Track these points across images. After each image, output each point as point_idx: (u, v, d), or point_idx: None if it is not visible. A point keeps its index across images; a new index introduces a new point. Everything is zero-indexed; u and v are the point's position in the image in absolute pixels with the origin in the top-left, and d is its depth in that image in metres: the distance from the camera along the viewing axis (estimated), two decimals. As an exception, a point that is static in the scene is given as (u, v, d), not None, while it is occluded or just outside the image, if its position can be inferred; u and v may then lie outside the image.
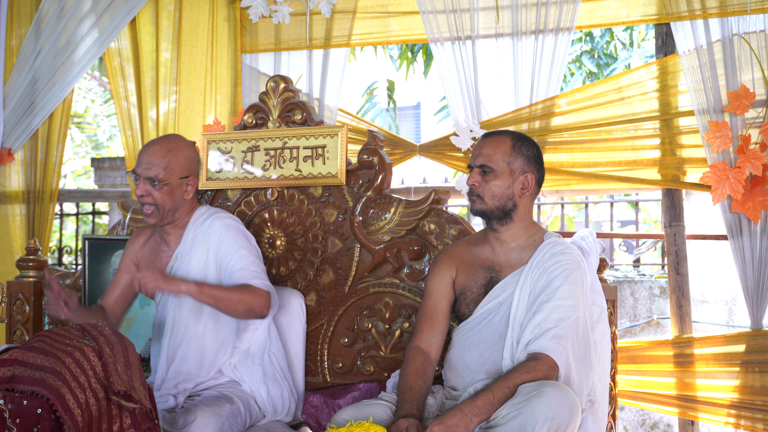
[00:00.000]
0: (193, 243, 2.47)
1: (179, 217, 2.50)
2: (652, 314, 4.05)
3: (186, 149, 2.50)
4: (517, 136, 2.27)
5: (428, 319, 2.31)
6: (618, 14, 3.14)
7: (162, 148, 2.45)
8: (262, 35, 3.57)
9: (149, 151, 2.44)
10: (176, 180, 2.44)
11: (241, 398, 2.40)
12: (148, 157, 2.43)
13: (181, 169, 2.45)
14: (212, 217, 2.50)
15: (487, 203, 2.23)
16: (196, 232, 2.48)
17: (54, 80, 3.65)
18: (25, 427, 1.79)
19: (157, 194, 2.41)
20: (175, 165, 2.44)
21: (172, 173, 2.43)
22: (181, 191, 2.47)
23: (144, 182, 2.41)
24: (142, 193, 2.41)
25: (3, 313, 2.97)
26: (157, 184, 2.40)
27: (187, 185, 2.48)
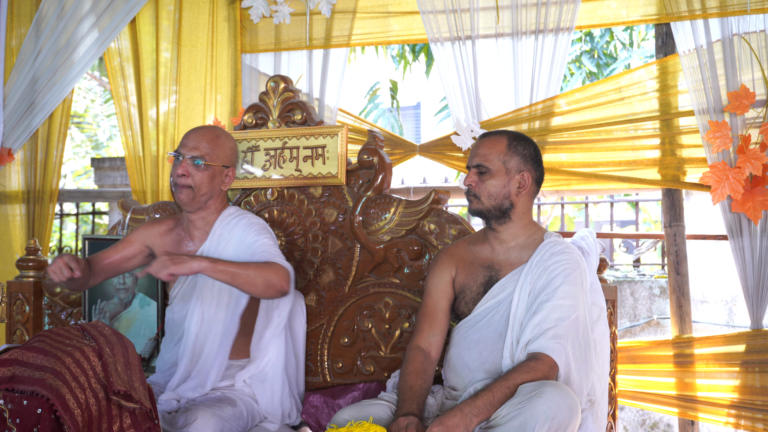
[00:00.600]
0: (220, 241, 2.47)
1: (209, 207, 2.49)
2: (652, 314, 4.05)
3: (231, 140, 2.55)
4: (514, 135, 2.27)
5: (428, 319, 2.31)
6: (618, 14, 3.14)
7: (210, 133, 2.48)
8: (262, 35, 3.57)
9: (197, 132, 2.47)
10: (219, 166, 2.46)
11: (244, 401, 2.40)
12: (196, 138, 2.44)
13: (225, 158, 2.49)
14: (239, 217, 2.51)
15: (483, 203, 2.23)
16: (223, 230, 2.49)
17: (54, 80, 3.65)
18: (25, 427, 1.79)
19: (198, 175, 2.41)
20: (220, 151, 2.47)
21: (217, 158, 2.45)
22: (220, 179, 2.48)
23: (187, 162, 2.41)
24: (183, 172, 2.41)
25: (3, 313, 2.97)
26: (201, 165, 2.41)
27: (227, 175, 2.50)
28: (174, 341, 2.53)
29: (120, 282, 2.89)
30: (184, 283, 2.53)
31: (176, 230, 2.58)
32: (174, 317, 2.54)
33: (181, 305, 2.52)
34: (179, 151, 2.44)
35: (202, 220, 2.52)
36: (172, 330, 2.55)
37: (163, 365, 2.55)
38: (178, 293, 2.54)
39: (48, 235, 3.87)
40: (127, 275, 2.88)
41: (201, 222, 2.52)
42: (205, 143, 2.44)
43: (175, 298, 2.54)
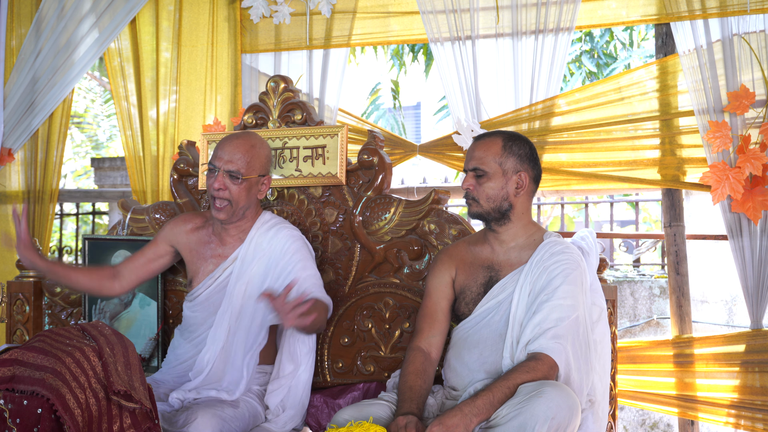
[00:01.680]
0: (256, 250, 2.44)
1: (246, 217, 2.47)
2: (652, 314, 4.05)
3: (266, 147, 2.49)
4: (508, 135, 2.27)
5: (428, 319, 2.31)
6: (618, 14, 3.14)
7: (245, 143, 2.42)
8: (263, 35, 3.57)
9: (232, 144, 2.40)
10: (255, 177, 2.42)
11: (247, 402, 2.39)
12: (231, 151, 2.38)
13: (261, 167, 2.44)
14: (277, 226, 2.47)
15: (482, 206, 2.23)
16: (260, 239, 2.45)
17: (54, 80, 3.65)
18: (25, 427, 1.79)
19: (235, 189, 2.37)
20: (256, 162, 2.42)
21: (253, 169, 2.40)
22: (257, 189, 2.45)
23: (223, 175, 2.36)
24: (219, 186, 2.36)
25: (3, 313, 2.97)
26: (240, 179, 2.36)
27: (262, 184, 2.46)
28: (191, 339, 2.50)
29: (120, 282, 2.89)
30: (211, 285, 2.49)
31: (204, 230, 2.55)
32: (195, 316, 2.50)
33: (204, 306, 2.49)
34: (214, 164, 2.38)
35: (236, 228, 2.49)
36: (191, 328, 2.52)
37: (175, 360, 2.52)
38: (203, 294, 2.50)
39: (48, 235, 3.87)
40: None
41: (235, 230, 2.49)
42: (241, 155, 2.38)
43: (198, 298, 2.51)
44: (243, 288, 2.43)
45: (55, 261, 2.38)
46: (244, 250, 2.45)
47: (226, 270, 2.47)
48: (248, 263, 2.43)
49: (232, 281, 2.44)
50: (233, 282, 2.44)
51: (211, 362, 2.40)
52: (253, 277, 2.43)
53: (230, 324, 2.42)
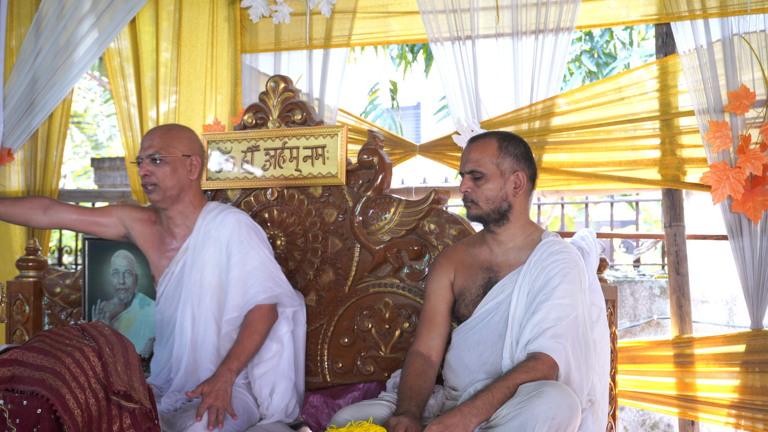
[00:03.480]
0: (206, 238, 2.46)
1: (184, 200, 2.49)
2: (652, 314, 4.05)
3: (186, 130, 2.54)
4: (503, 135, 2.27)
5: (427, 323, 2.32)
6: (618, 14, 3.14)
7: (161, 128, 2.50)
8: (262, 35, 3.57)
9: (149, 133, 2.48)
10: (178, 156, 2.45)
11: (240, 400, 2.40)
12: (149, 138, 2.46)
13: (183, 147, 2.47)
14: (224, 212, 2.50)
15: (482, 207, 2.23)
16: (209, 226, 2.48)
17: (54, 80, 3.65)
18: (25, 427, 1.78)
19: (158, 171, 2.42)
20: (175, 142, 2.46)
21: (174, 148, 2.44)
22: (185, 170, 2.47)
23: (146, 162, 2.42)
24: (144, 172, 2.42)
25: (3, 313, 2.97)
26: (158, 160, 2.41)
27: (191, 164, 2.48)
28: (164, 342, 2.52)
29: (120, 282, 2.90)
30: (169, 281, 2.51)
31: (157, 226, 2.58)
32: (162, 317, 2.53)
33: (168, 303, 2.51)
34: (139, 156, 2.46)
35: (180, 215, 2.51)
36: (162, 330, 2.54)
37: (157, 367, 2.54)
38: (164, 292, 2.52)
39: (48, 235, 3.88)
40: (126, 275, 2.88)
41: (180, 218, 2.51)
42: (158, 138, 2.45)
43: (162, 297, 2.53)
44: (198, 276, 2.44)
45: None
46: (194, 239, 2.48)
47: (180, 262, 2.49)
48: (199, 251, 2.45)
49: (187, 271, 2.46)
50: (188, 272, 2.46)
51: (185, 355, 2.42)
52: (206, 265, 2.45)
53: (193, 313, 2.44)
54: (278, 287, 2.46)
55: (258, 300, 2.42)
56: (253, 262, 2.43)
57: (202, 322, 2.43)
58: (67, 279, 3.01)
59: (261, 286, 2.42)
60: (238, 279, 2.42)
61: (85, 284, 2.92)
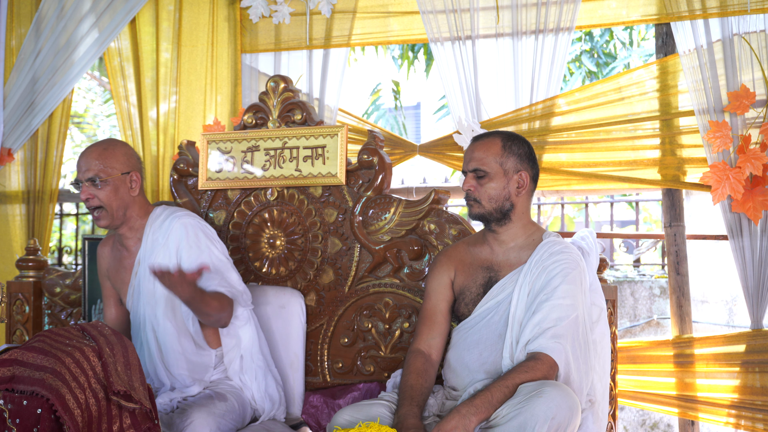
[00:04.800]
0: (154, 246, 2.43)
1: (131, 217, 2.47)
2: (652, 314, 4.05)
3: (121, 146, 2.49)
4: (507, 135, 2.27)
5: (427, 322, 2.31)
6: (618, 14, 3.14)
7: (96, 149, 2.44)
8: (262, 35, 3.57)
9: (84, 155, 2.42)
10: (118, 176, 2.42)
11: (233, 394, 2.41)
12: (85, 160, 2.40)
13: (121, 165, 2.43)
14: (170, 218, 2.46)
15: (484, 206, 2.23)
16: (156, 235, 2.44)
17: (54, 80, 3.65)
18: (25, 427, 1.78)
19: (101, 194, 2.38)
20: (113, 161, 2.42)
21: (112, 169, 2.41)
22: (126, 188, 2.44)
23: (87, 186, 2.39)
24: (86, 196, 2.38)
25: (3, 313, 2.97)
26: (98, 183, 2.38)
27: (131, 180, 2.45)
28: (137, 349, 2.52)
29: (120, 282, 2.89)
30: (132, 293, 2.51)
31: (115, 246, 2.56)
32: (132, 325, 2.54)
33: (134, 314, 2.51)
34: (77, 179, 2.41)
35: (130, 230, 2.49)
36: (134, 338, 2.55)
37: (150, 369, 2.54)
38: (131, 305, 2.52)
39: (48, 235, 3.87)
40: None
41: (130, 233, 2.49)
42: (94, 160, 2.39)
43: (131, 313, 2.53)
44: (151, 286, 2.43)
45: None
46: (143, 249, 2.46)
47: (137, 273, 2.48)
48: (150, 258, 2.42)
49: (143, 282, 2.45)
50: (144, 282, 2.45)
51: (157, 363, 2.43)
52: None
53: (153, 323, 2.43)
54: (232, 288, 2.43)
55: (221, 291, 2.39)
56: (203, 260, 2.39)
57: (161, 330, 2.43)
58: (67, 279, 3.01)
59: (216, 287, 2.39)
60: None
61: (85, 284, 2.92)
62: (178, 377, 2.42)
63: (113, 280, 2.57)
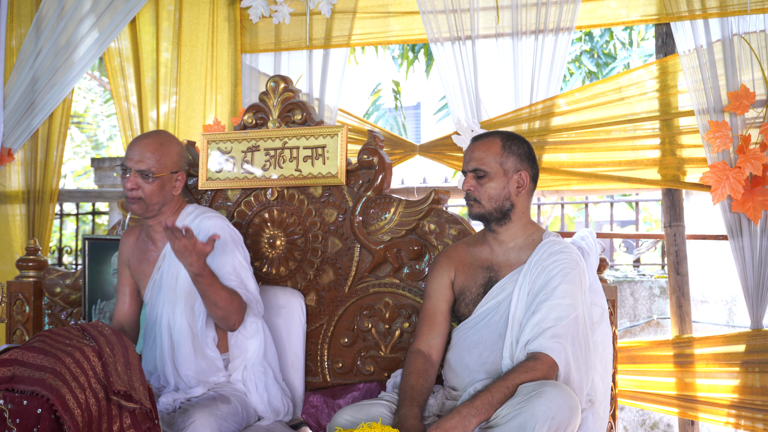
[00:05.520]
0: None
1: (165, 212, 2.47)
2: (652, 314, 4.05)
3: (177, 144, 2.49)
4: (507, 135, 2.27)
5: (428, 322, 2.31)
6: (618, 14, 3.14)
7: (154, 142, 2.43)
8: (262, 35, 3.57)
9: (141, 144, 2.41)
10: (167, 174, 2.42)
11: (237, 397, 2.40)
12: (141, 150, 2.39)
13: (173, 164, 2.44)
14: (200, 217, 2.47)
15: (484, 206, 2.23)
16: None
17: (54, 80, 3.65)
18: (25, 427, 1.79)
19: (147, 188, 2.39)
20: (167, 158, 2.42)
21: (164, 167, 2.41)
22: (171, 186, 2.45)
23: (135, 175, 2.38)
24: (132, 186, 2.38)
25: (3, 313, 2.97)
26: (150, 177, 2.38)
27: (176, 180, 2.46)
28: (149, 345, 2.52)
29: (120, 282, 2.89)
30: (152, 287, 2.51)
31: (141, 237, 2.57)
32: (148, 322, 2.54)
33: (152, 309, 2.51)
34: (126, 165, 2.40)
35: (159, 224, 2.49)
36: (148, 335, 2.54)
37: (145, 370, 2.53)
38: (149, 298, 2.52)
39: (48, 235, 3.88)
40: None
41: (159, 226, 2.49)
42: (150, 154, 2.39)
43: (147, 304, 2.53)
44: (173, 282, 2.43)
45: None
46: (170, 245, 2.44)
47: (161, 268, 2.48)
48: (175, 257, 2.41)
49: (165, 277, 2.45)
50: (166, 277, 2.45)
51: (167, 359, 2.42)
52: (181, 270, 2.42)
53: (169, 319, 2.43)
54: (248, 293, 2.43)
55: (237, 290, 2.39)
56: (225, 268, 2.41)
57: (176, 327, 2.43)
58: (67, 279, 3.01)
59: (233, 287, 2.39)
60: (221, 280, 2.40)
61: (85, 284, 2.92)
62: (185, 378, 2.41)
63: (134, 270, 2.56)
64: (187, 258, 2.15)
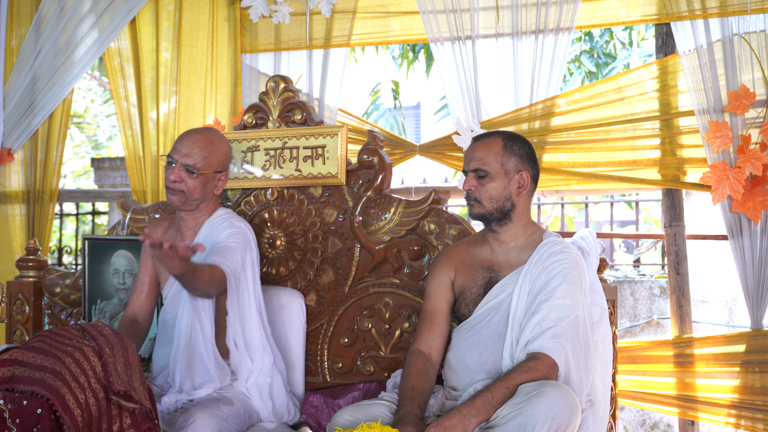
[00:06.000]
0: (204, 241, 2.46)
1: (201, 210, 2.49)
2: (652, 314, 4.05)
3: (226, 144, 2.51)
4: (508, 135, 2.27)
5: (428, 322, 2.31)
6: (618, 14, 3.14)
7: (204, 138, 2.44)
8: (262, 35, 3.57)
9: (191, 138, 2.43)
10: (211, 172, 2.44)
11: (240, 400, 2.39)
12: (190, 145, 2.41)
13: (218, 163, 2.46)
14: (225, 221, 2.49)
15: (485, 206, 2.23)
16: (208, 232, 2.48)
17: (54, 80, 3.65)
18: (25, 427, 1.79)
19: (190, 183, 2.40)
20: (214, 157, 2.44)
21: (210, 165, 2.43)
22: (213, 185, 2.47)
23: (180, 168, 2.39)
24: (175, 178, 2.39)
25: (3, 313, 2.97)
26: (195, 173, 2.39)
27: (219, 180, 2.48)
28: (165, 342, 2.52)
29: (120, 282, 2.89)
30: (174, 282, 2.50)
31: (170, 231, 2.58)
32: (165, 318, 2.53)
33: (172, 306, 2.50)
34: (172, 156, 2.42)
35: (193, 219, 2.51)
36: (164, 331, 2.53)
37: (158, 367, 2.53)
38: (169, 294, 2.52)
39: (48, 235, 3.88)
40: (126, 275, 2.88)
41: (192, 222, 2.52)
42: (199, 150, 2.41)
43: (166, 299, 2.53)
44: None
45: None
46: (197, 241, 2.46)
47: None
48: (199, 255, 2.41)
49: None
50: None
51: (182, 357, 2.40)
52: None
53: (189, 318, 2.41)
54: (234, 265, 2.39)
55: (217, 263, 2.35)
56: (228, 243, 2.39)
57: (196, 330, 2.41)
58: (67, 279, 3.01)
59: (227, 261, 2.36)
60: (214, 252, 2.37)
61: (85, 284, 2.92)
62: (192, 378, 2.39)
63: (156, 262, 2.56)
64: (168, 263, 2.08)
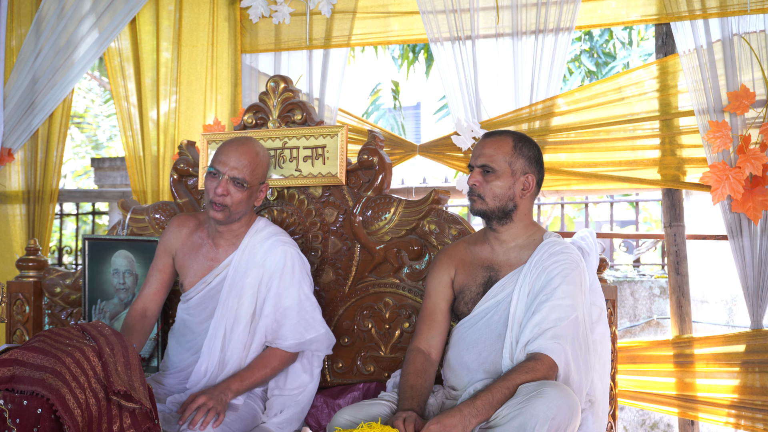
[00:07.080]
0: (250, 260, 2.42)
1: (241, 222, 2.46)
2: (652, 314, 4.05)
3: (267, 156, 2.50)
4: (519, 136, 2.27)
5: (427, 320, 2.31)
6: (618, 14, 3.14)
7: (251, 151, 2.40)
8: (262, 35, 3.58)
9: (239, 150, 2.38)
10: (257, 185, 2.43)
11: (247, 405, 2.39)
12: (237, 158, 2.36)
13: (262, 174, 2.45)
14: (274, 239, 2.45)
15: (488, 203, 2.23)
16: (254, 249, 2.43)
17: (54, 80, 3.65)
18: (25, 427, 1.79)
19: (237, 196, 2.36)
20: (260, 170, 2.42)
21: (257, 177, 2.41)
22: (255, 197, 2.45)
23: (228, 182, 2.35)
24: (223, 192, 2.34)
25: (3, 313, 2.97)
26: (244, 186, 2.36)
27: (260, 191, 2.47)
28: (184, 343, 2.49)
29: (120, 282, 2.89)
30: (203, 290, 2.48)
31: (198, 233, 2.54)
32: (189, 319, 2.50)
33: (198, 311, 2.48)
34: (218, 168, 2.36)
35: (230, 231, 2.47)
36: (184, 331, 2.51)
37: (172, 367, 2.51)
38: (195, 298, 2.49)
39: (48, 235, 3.88)
40: (126, 275, 2.88)
41: (229, 234, 2.47)
42: (247, 162, 2.36)
43: (191, 301, 2.50)
44: (236, 300, 2.41)
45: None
46: (237, 257, 2.44)
47: (219, 276, 2.45)
48: (241, 272, 2.41)
49: (225, 289, 2.42)
50: (226, 290, 2.42)
51: (209, 373, 2.39)
52: (246, 288, 2.40)
53: (225, 335, 2.40)
54: (308, 332, 2.42)
55: (284, 345, 2.41)
56: (289, 300, 2.40)
57: (231, 347, 2.40)
58: (67, 279, 3.01)
59: (292, 331, 2.40)
60: (270, 314, 2.40)
61: (85, 284, 2.92)
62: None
63: (179, 262, 2.53)
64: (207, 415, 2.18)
